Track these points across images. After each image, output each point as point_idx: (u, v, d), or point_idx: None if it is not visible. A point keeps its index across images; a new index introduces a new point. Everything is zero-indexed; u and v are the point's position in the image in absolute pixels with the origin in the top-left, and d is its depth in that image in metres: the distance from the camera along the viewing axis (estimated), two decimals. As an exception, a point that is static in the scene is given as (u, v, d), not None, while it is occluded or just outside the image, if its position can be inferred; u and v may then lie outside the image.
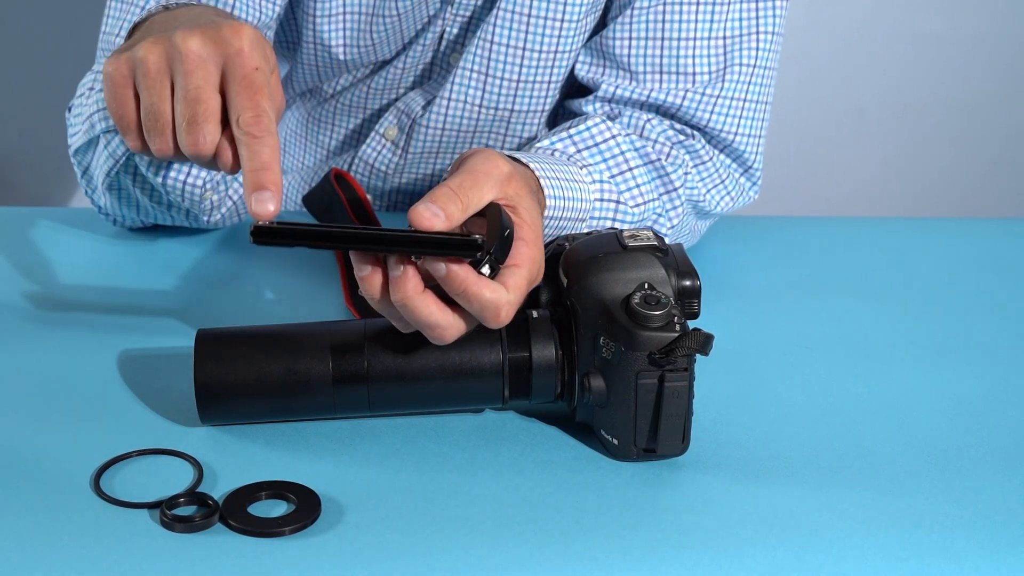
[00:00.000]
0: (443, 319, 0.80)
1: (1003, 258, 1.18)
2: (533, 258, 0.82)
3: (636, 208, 1.03)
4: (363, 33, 1.15)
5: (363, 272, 0.80)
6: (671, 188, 1.07)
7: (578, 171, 1.00)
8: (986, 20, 2.24)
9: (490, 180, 0.82)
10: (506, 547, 0.76)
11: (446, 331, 0.81)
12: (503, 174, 0.83)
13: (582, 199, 0.98)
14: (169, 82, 0.80)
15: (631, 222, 1.03)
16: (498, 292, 0.79)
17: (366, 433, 0.87)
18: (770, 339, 1.02)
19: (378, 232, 0.78)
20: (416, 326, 0.81)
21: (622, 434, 0.84)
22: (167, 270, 1.09)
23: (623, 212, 1.02)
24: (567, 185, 0.96)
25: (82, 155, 1.06)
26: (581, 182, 0.99)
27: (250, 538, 0.76)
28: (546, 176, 0.94)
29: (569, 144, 1.03)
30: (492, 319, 0.80)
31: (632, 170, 1.04)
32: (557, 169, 0.97)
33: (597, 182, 1.02)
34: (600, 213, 1.01)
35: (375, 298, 0.80)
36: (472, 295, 0.79)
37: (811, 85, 2.26)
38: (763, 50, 1.11)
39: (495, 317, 0.80)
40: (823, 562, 0.76)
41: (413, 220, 0.77)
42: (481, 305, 0.79)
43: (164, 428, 0.87)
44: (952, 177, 2.37)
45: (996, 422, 0.91)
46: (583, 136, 1.04)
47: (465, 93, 1.16)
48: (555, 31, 1.12)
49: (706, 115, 1.11)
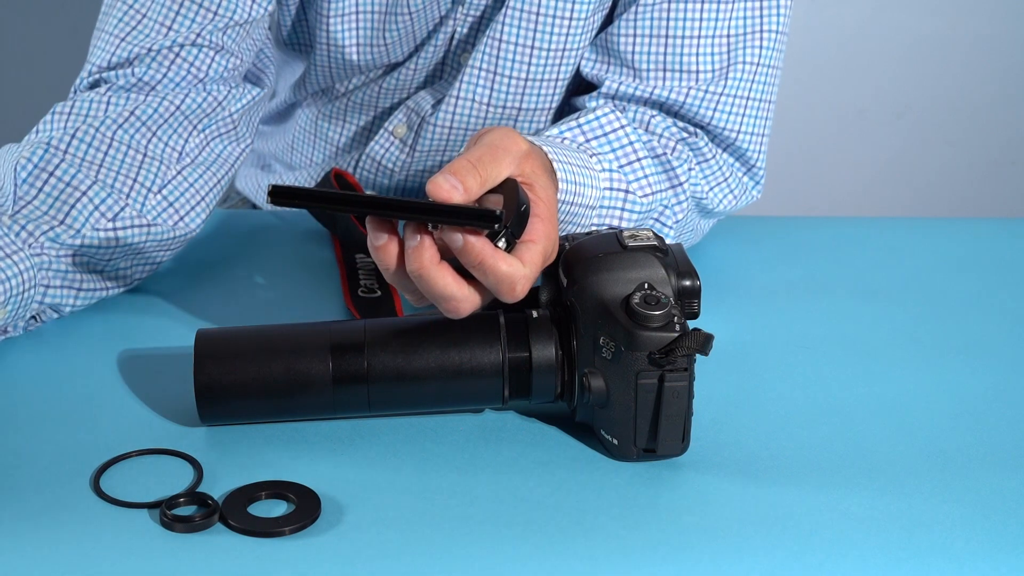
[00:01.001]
0: (458, 291, 0.81)
1: (1003, 258, 1.18)
2: (548, 235, 0.83)
3: (644, 198, 1.03)
4: (376, 34, 1.15)
5: (379, 241, 0.80)
6: (676, 183, 1.07)
7: (588, 159, 1.01)
8: (986, 20, 2.24)
9: (508, 155, 0.83)
10: (506, 547, 0.76)
11: (461, 304, 0.81)
12: (521, 151, 0.84)
13: (592, 186, 0.99)
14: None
15: (639, 212, 1.02)
16: (514, 265, 0.80)
17: (366, 433, 0.87)
18: (770, 339, 1.02)
19: (396, 200, 0.79)
20: (431, 299, 0.82)
21: (622, 434, 0.84)
22: (167, 270, 1.09)
23: (632, 202, 1.02)
24: (578, 171, 0.97)
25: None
26: (591, 169, 1.00)
27: (250, 538, 0.76)
28: (559, 160, 0.94)
29: (578, 133, 1.03)
30: (507, 292, 0.81)
31: (640, 160, 1.04)
32: (569, 155, 0.97)
33: (606, 171, 1.02)
34: (609, 203, 1.01)
35: (389, 269, 0.81)
36: (488, 267, 0.80)
37: (811, 85, 2.26)
38: (767, 48, 1.11)
39: (510, 291, 0.81)
40: (823, 562, 0.76)
41: (431, 191, 0.78)
42: (497, 278, 0.80)
43: (164, 428, 0.87)
44: (952, 177, 2.37)
45: (996, 422, 0.91)
46: (592, 126, 1.04)
47: (474, 92, 1.16)
48: (563, 29, 1.12)
49: (709, 113, 1.10)
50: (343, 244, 1.10)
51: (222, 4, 1.05)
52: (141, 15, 1.05)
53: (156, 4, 1.04)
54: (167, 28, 1.05)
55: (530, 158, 0.85)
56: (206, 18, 1.05)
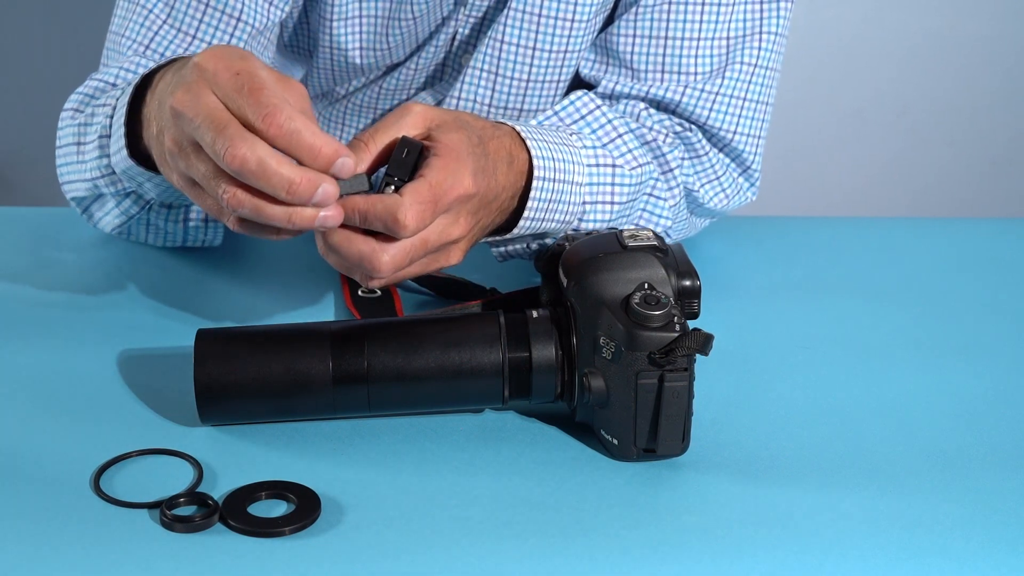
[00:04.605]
0: (365, 247, 0.83)
1: (1003, 258, 1.18)
2: (442, 167, 0.84)
3: (633, 171, 1.02)
4: (379, 37, 1.15)
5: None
6: (667, 168, 1.06)
7: (567, 136, 1.00)
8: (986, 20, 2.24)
9: (402, 118, 0.87)
10: (506, 547, 0.76)
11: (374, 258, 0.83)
12: (415, 111, 0.87)
13: (574, 161, 0.98)
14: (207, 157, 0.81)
15: (630, 184, 1.01)
16: (392, 199, 0.82)
17: (366, 433, 0.87)
18: (770, 339, 1.02)
19: None
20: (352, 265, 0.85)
21: (622, 434, 0.84)
22: (167, 270, 1.09)
23: (621, 175, 1.01)
24: (555, 147, 0.97)
25: (81, 203, 1.06)
26: (571, 146, 0.99)
27: (250, 538, 0.76)
28: (531, 137, 0.95)
29: (556, 121, 1.04)
30: (393, 225, 0.82)
31: (621, 136, 1.03)
32: (545, 133, 0.97)
33: (589, 148, 1.01)
34: (598, 179, 1.01)
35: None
36: (369, 210, 0.82)
37: (811, 85, 2.26)
38: (765, 50, 1.11)
39: (395, 223, 0.82)
40: (823, 562, 0.76)
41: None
42: (378, 216, 0.82)
43: (164, 428, 0.87)
44: (952, 177, 2.37)
45: (996, 422, 0.91)
46: (568, 111, 1.05)
47: (475, 93, 1.16)
48: (565, 31, 1.12)
49: (705, 112, 1.10)
50: (343, 244, 1.10)
51: (244, 11, 1.05)
52: (162, 21, 1.05)
53: (177, 12, 1.04)
54: (191, 37, 1.05)
55: (428, 114, 0.88)
56: (230, 24, 1.05)
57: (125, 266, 1.10)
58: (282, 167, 0.78)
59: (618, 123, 1.04)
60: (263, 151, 0.78)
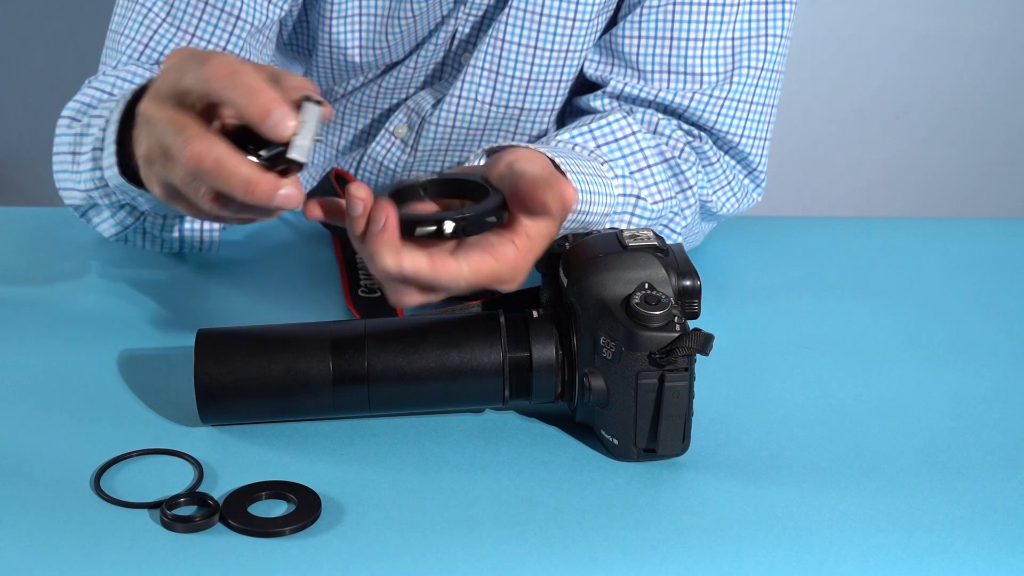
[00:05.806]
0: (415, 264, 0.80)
1: (1003, 258, 1.18)
2: (510, 261, 0.81)
3: (655, 205, 1.03)
4: (379, 35, 1.15)
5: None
6: (686, 187, 1.07)
7: (600, 167, 1.01)
8: (986, 20, 2.25)
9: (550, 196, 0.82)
10: (506, 547, 0.76)
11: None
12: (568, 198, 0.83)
13: (606, 193, 0.99)
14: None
15: (648, 219, 1.03)
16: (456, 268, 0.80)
17: (366, 433, 0.87)
18: (770, 339, 1.02)
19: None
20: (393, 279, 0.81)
21: (622, 434, 0.84)
22: (167, 270, 1.09)
23: (642, 208, 1.02)
24: (592, 180, 0.97)
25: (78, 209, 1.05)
26: (604, 177, 1.00)
27: (250, 538, 0.76)
28: (572, 171, 0.94)
29: (589, 139, 1.04)
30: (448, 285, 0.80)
31: (651, 167, 1.04)
32: (582, 164, 0.97)
33: (619, 177, 1.02)
34: (620, 208, 1.02)
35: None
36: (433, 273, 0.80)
37: (811, 85, 2.26)
38: (771, 53, 1.11)
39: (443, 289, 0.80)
40: (823, 562, 0.76)
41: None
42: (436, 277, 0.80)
43: (164, 428, 0.87)
44: (952, 177, 2.37)
45: (996, 422, 0.91)
46: (604, 132, 1.04)
47: (476, 91, 1.16)
48: (567, 30, 1.12)
49: (713, 116, 1.11)
50: (343, 244, 1.10)
51: (244, 9, 1.05)
52: (161, 20, 1.05)
53: (176, 10, 1.04)
54: (190, 35, 1.05)
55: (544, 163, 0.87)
56: (229, 22, 1.05)
57: (125, 266, 1.10)
58: (240, 167, 0.76)
59: (649, 152, 1.04)
60: (221, 150, 0.76)
